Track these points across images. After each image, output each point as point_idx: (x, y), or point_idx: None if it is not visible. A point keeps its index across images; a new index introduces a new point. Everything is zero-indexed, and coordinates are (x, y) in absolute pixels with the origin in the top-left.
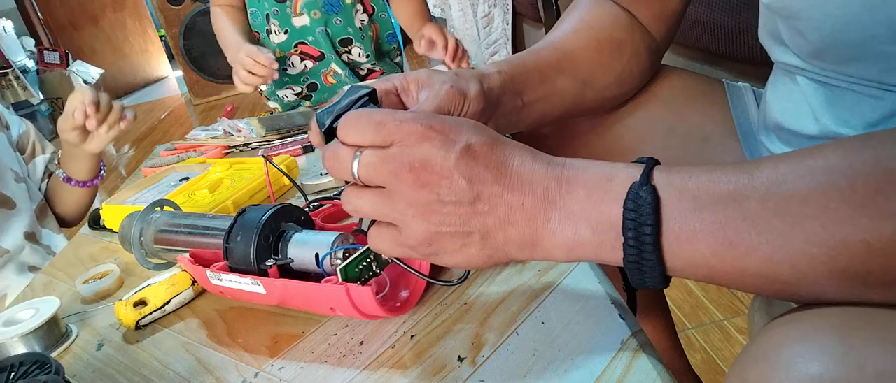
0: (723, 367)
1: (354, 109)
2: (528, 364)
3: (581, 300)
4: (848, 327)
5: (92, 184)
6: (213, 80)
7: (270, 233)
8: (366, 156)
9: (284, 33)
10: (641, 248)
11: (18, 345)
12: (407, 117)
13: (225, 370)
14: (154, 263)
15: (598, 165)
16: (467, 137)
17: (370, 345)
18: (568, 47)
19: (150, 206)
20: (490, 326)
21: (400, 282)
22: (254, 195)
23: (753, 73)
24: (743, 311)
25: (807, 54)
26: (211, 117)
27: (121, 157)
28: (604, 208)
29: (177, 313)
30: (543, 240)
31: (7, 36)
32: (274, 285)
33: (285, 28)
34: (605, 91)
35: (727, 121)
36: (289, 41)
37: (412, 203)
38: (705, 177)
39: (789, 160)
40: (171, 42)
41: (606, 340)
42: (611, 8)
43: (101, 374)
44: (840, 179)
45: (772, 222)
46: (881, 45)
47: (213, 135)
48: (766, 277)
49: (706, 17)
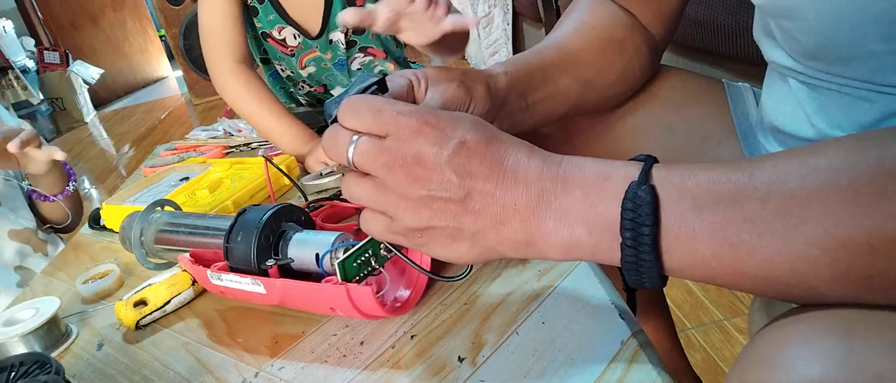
0: (723, 367)
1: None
2: (529, 364)
3: (581, 300)
4: (848, 329)
5: (56, 198)
6: None
7: (271, 233)
8: (362, 143)
9: (290, 72)
10: (639, 249)
11: (18, 345)
12: (405, 109)
13: (225, 370)
14: (154, 263)
15: (596, 164)
16: (463, 133)
17: (370, 345)
18: (570, 47)
19: (150, 206)
20: (490, 326)
21: (400, 281)
22: (254, 195)
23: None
24: (743, 311)
25: (799, 54)
26: (211, 117)
27: (121, 157)
28: (601, 208)
29: (177, 313)
30: (538, 241)
31: (7, 36)
32: (274, 285)
33: (292, 71)
34: (607, 90)
35: (727, 121)
36: (295, 77)
37: (404, 196)
38: (705, 177)
39: (790, 158)
40: (171, 42)
41: (606, 340)
42: (611, 7)
43: (101, 374)
44: (842, 179)
45: (773, 224)
46: (872, 44)
47: (213, 135)
48: (765, 279)
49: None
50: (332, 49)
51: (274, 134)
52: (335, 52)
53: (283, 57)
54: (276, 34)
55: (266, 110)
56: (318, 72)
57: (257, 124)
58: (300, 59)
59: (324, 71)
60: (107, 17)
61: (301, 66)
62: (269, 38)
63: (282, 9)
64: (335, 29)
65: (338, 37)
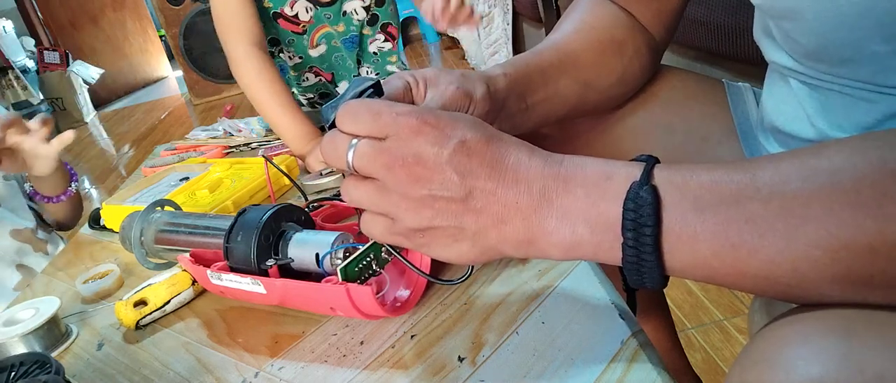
0: (723, 367)
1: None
2: (528, 364)
3: (581, 300)
4: (848, 329)
5: (58, 200)
6: (213, 80)
7: (271, 233)
8: (361, 146)
9: (299, 58)
10: (640, 249)
11: (18, 345)
12: (404, 110)
13: (225, 370)
14: (154, 263)
15: (597, 163)
16: (463, 133)
17: (370, 345)
18: (570, 48)
19: (150, 206)
20: (490, 326)
21: (400, 281)
22: (254, 195)
23: (753, 73)
24: (743, 311)
25: (799, 55)
26: (211, 117)
27: (121, 157)
28: (603, 208)
29: (177, 313)
30: (539, 240)
31: (7, 36)
32: (274, 285)
33: (300, 55)
34: (607, 91)
35: (727, 121)
36: (303, 64)
37: (405, 197)
38: (707, 177)
39: (792, 159)
40: (171, 42)
41: (606, 340)
42: (611, 8)
43: (101, 374)
44: (844, 180)
45: (774, 224)
46: (873, 45)
47: (213, 135)
48: (766, 279)
49: (706, 17)
50: (344, 21)
51: (279, 127)
52: (347, 25)
53: (293, 39)
54: (288, 10)
55: (275, 100)
56: (329, 51)
57: (264, 113)
58: (312, 37)
59: (334, 51)
60: (107, 17)
61: (312, 44)
62: (280, 18)
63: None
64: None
65: (353, 6)
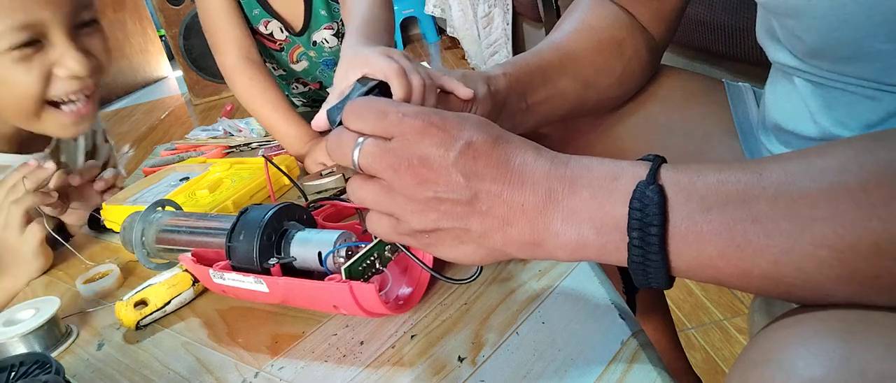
0: (723, 367)
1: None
2: (529, 364)
3: (581, 300)
4: (849, 330)
5: None
6: (213, 80)
7: (273, 232)
8: (367, 145)
9: (283, 70)
10: (646, 249)
11: (18, 345)
12: (410, 111)
13: (225, 370)
14: (156, 263)
15: (603, 164)
16: (469, 134)
17: (370, 345)
18: (570, 48)
19: (151, 206)
20: (490, 326)
21: (403, 279)
22: (254, 195)
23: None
24: (743, 311)
25: (803, 54)
26: (211, 117)
27: (121, 158)
28: (609, 209)
29: (177, 313)
30: (546, 241)
31: None
32: (277, 283)
33: (284, 68)
34: (606, 91)
35: (727, 121)
36: (288, 76)
37: (410, 198)
38: (714, 177)
39: (799, 159)
40: (171, 42)
41: (606, 340)
42: (611, 8)
43: (101, 374)
44: (851, 180)
45: (780, 224)
46: (877, 44)
47: (214, 135)
48: (772, 279)
49: (706, 17)
50: (315, 49)
51: (275, 131)
52: (319, 52)
53: (273, 53)
54: (262, 29)
55: (269, 106)
56: (312, 66)
57: (260, 119)
58: (290, 54)
59: (316, 65)
60: (107, 17)
61: (293, 60)
62: (257, 33)
63: (265, 2)
64: (317, 28)
65: (321, 36)
